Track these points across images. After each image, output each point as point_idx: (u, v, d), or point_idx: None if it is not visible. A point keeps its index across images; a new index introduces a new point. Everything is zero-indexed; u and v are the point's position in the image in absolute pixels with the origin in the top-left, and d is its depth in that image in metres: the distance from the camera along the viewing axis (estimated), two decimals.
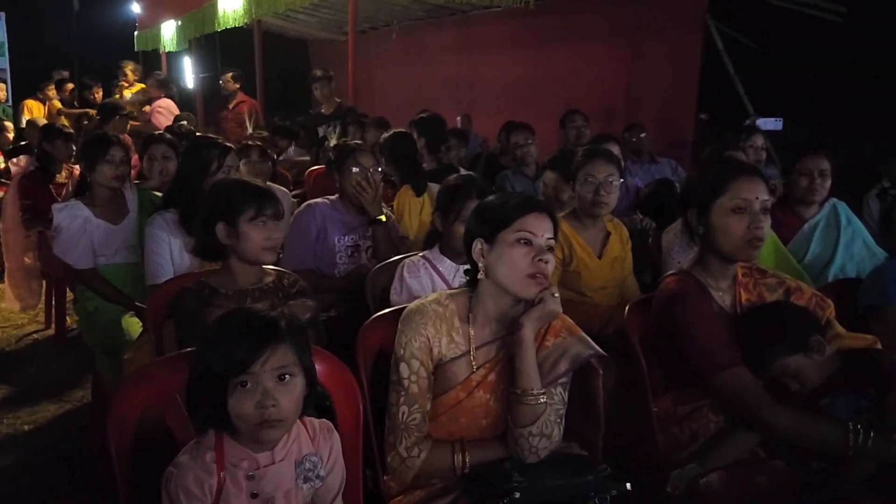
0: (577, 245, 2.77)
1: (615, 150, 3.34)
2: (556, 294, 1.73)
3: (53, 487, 2.87)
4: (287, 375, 1.39)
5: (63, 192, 4.55)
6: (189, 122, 6.36)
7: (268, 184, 2.72)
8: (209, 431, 1.43)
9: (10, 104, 9.61)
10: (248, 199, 2.09)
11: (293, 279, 2.24)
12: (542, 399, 1.68)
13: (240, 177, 2.81)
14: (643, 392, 2.05)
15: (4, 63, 10.82)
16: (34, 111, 8.53)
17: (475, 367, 1.77)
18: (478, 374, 1.77)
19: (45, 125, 5.79)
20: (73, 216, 3.11)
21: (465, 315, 1.80)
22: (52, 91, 8.83)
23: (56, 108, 8.63)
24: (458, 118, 7.10)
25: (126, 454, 1.55)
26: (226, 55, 11.00)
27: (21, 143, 6.35)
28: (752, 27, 5.93)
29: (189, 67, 10.11)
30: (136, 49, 10.69)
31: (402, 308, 1.85)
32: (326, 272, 2.98)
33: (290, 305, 2.11)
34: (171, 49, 9.38)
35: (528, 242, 1.70)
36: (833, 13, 5.56)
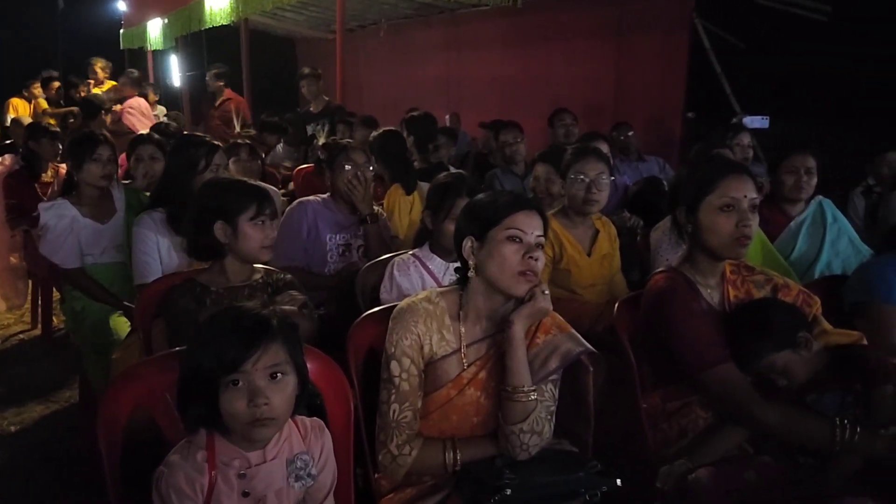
0: (567, 243, 2.78)
1: (604, 149, 3.36)
2: (546, 291, 1.73)
3: (41, 488, 2.85)
4: (279, 374, 1.39)
5: (49, 192, 4.51)
6: (178, 122, 6.31)
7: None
8: (200, 430, 1.43)
9: None
10: (248, 199, 2.09)
11: (281, 275, 2.24)
12: (533, 396, 1.69)
13: (230, 176, 2.80)
14: (632, 389, 2.06)
15: None
16: (19, 110, 8.46)
17: (466, 365, 1.77)
18: (468, 372, 1.77)
19: (31, 124, 5.74)
20: (60, 215, 3.08)
21: (456, 313, 1.80)
22: (38, 89, 8.76)
23: (42, 108, 8.55)
24: (447, 116, 7.10)
25: (116, 454, 1.54)
26: (212, 53, 10.91)
27: (6, 142, 6.29)
28: (739, 26, 5.96)
29: (175, 66, 10.04)
30: (122, 47, 10.62)
31: (393, 306, 1.85)
32: (317, 271, 2.97)
33: (277, 301, 2.11)
34: (158, 47, 9.32)
35: (518, 240, 1.71)
36: (818, 12, 5.60)
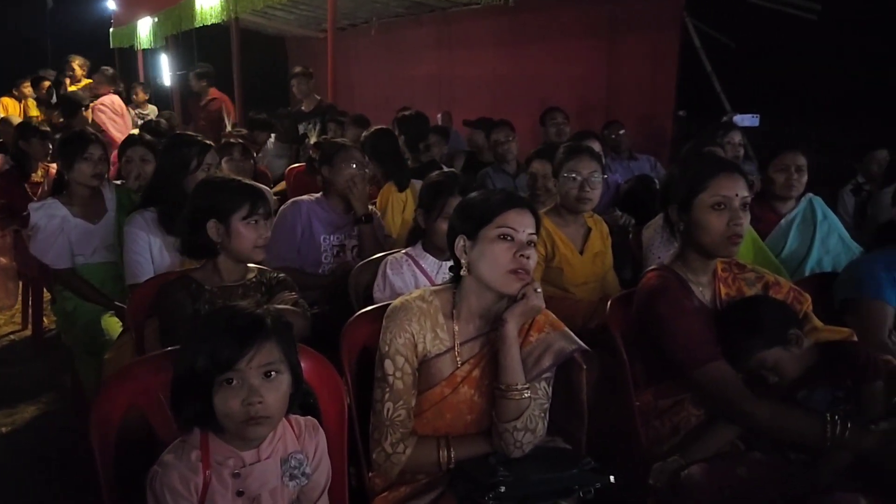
0: (560, 241, 2.79)
1: (596, 147, 3.36)
2: (539, 289, 1.73)
3: (34, 490, 2.83)
4: (273, 372, 1.39)
5: (39, 192, 4.49)
6: (171, 121, 6.29)
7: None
8: (194, 430, 1.43)
9: None
10: (242, 198, 2.09)
11: (275, 274, 2.24)
12: (527, 394, 1.69)
13: (224, 175, 2.79)
14: (625, 386, 2.07)
15: None
16: (9, 109, 8.41)
17: (460, 363, 1.77)
18: (462, 370, 1.77)
19: (21, 123, 5.71)
20: (51, 215, 3.06)
21: (450, 311, 1.80)
22: (28, 89, 8.71)
23: (31, 114, 8.49)
24: (439, 115, 7.10)
25: (109, 454, 1.54)
26: (203, 52, 10.87)
27: None
28: (730, 25, 5.98)
29: (166, 65, 10.00)
30: (112, 46, 10.57)
31: (387, 305, 1.85)
32: (311, 271, 2.97)
33: (272, 303, 2.11)
34: (147, 46, 9.28)
35: (510, 238, 1.71)
36: (809, 11, 5.63)
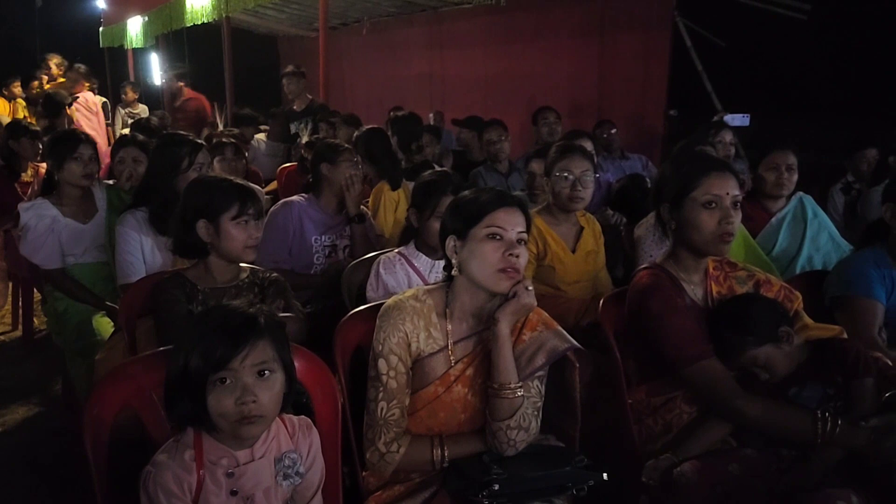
0: (552, 240, 2.79)
1: (588, 146, 3.37)
2: (530, 287, 1.73)
3: (26, 491, 2.82)
4: (266, 371, 1.39)
5: (28, 192, 4.46)
6: (164, 121, 6.27)
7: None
8: (188, 430, 1.43)
9: None
10: (232, 197, 2.07)
11: (268, 274, 2.23)
12: (520, 393, 1.70)
13: (215, 174, 2.78)
14: (618, 384, 2.08)
15: None
16: None
17: (453, 362, 1.78)
18: (456, 369, 1.77)
19: (11, 122, 5.68)
20: (41, 215, 3.05)
21: (443, 310, 1.80)
22: (18, 88, 8.64)
23: (20, 110, 8.42)
24: (431, 115, 7.10)
25: (102, 455, 1.53)
26: (194, 51, 10.84)
27: None
28: (720, 24, 6.00)
29: (156, 64, 9.95)
30: (102, 45, 10.51)
31: (380, 304, 1.85)
32: (303, 272, 2.96)
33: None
34: (138, 45, 9.24)
35: (499, 237, 1.71)
36: (798, 11, 5.65)
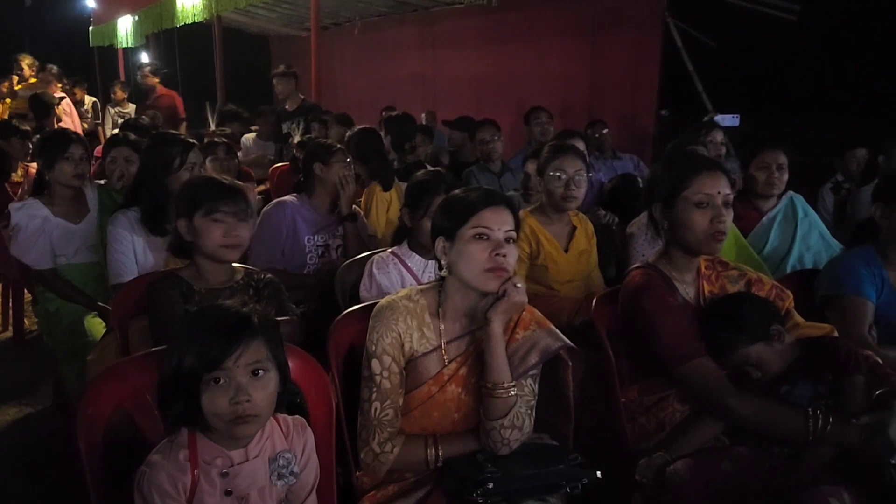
0: (545, 239, 2.80)
1: (580, 146, 3.38)
2: (519, 284, 1.72)
3: (19, 492, 2.80)
4: (260, 370, 1.39)
5: (19, 192, 4.44)
6: (155, 121, 6.26)
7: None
8: (182, 430, 1.42)
9: None
10: (204, 195, 2.06)
11: (263, 276, 2.22)
12: (513, 392, 1.70)
13: (206, 174, 2.78)
14: (611, 383, 2.09)
15: None
16: None
17: (447, 362, 1.78)
18: (449, 369, 1.77)
19: (0, 122, 5.64)
20: (32, 215, 3.03)
21: (436, 310, 1.80)
22: (6, 87, 8.59)
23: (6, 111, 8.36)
24: (423, 115, 7.11)
25: (96, 456, 1.52)
26: (184, 51, 10.82)
27: None
28: (711, 25, 6.04)
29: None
30: (92, 44, 10.46)
31: (373, 304, 1.85)
32: (296, 272, 2.96)
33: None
34: (128, 45, 9.20)
35: (486, 237, 1.70)
36: (788, 12, 5.69)
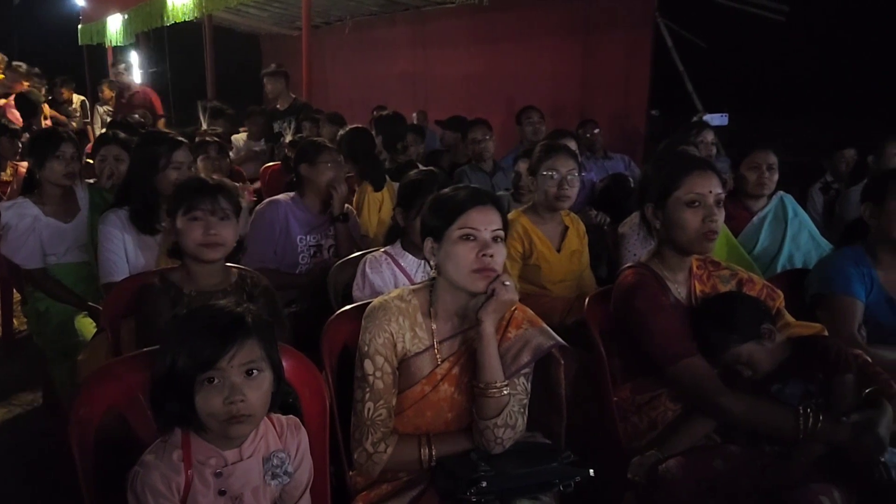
0: (537, 239, 2.81)
1: (572, 146, 3.39)
2: (508, 282, 1.70)
3: (11, 493, 2.79)
4: (255, 370, 1.39)
5: (8, 191, 4.42)
6: (146, 119, 6.24)
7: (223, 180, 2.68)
8: (175, 430, 1.42)
9: None
10: (183, 194, 2.05)
11: (256, 279, 2.21)
12: (506, 391, 1.70)
13: (196, 173, 2.77)
14: (603, 382, 2.10)
15: None
16: None
17: (439, 361, 1.78)
18: (442, 368, 1.78)
19: None
20: (22, 214, 3.02)
21: (427, 310, 1.80)
22: None
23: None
24: (414, 114, 7.10)
25: (89, 456, 1.52)
26: (174, 50, 10.76)
27: None
28: (701, 25, 6.07)
29: (136, 62, 9.86)
30: (81, 43, 10.39)
31: (366, 304, 1.85)
32: (288, 272, 2.95)
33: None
34: (118, 43, 9.14)
35: (472, 238, 1.70)
36: (777, 13, 5.73)
